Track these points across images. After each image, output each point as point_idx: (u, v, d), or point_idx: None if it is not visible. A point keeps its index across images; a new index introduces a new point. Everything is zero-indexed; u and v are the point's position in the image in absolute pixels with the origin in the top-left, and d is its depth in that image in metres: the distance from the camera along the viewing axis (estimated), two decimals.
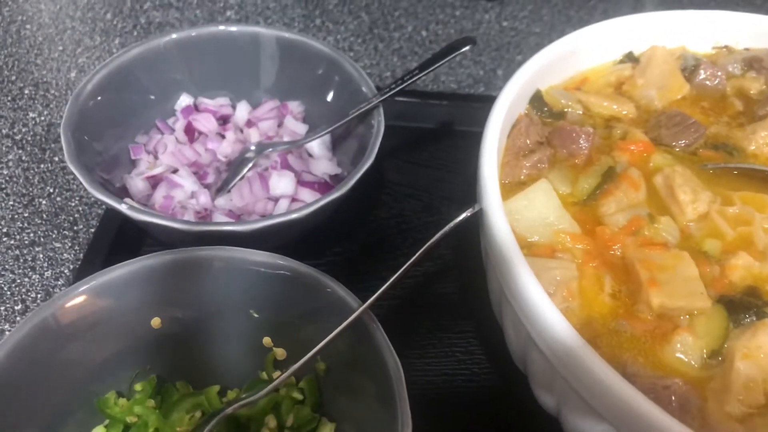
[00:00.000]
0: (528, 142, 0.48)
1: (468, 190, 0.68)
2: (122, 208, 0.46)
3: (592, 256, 0.42)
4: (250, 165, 0.56)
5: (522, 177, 0.47)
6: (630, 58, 0.56)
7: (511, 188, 0.46)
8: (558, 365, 0.36)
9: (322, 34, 0.87)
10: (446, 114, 0.75)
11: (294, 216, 0.47)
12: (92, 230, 0.62)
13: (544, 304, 0.36)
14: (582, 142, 0.48)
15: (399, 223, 0.65)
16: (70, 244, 0.61)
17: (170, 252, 0.44)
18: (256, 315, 0.46)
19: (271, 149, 0.57)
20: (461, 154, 0.72)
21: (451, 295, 0.59)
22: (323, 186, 0.57)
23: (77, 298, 0.41)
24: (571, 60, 0.54)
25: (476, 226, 0.46)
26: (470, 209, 0.41)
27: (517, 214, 0.43)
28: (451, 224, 0.40)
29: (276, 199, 0.55)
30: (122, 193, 0.56)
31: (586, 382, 0.34)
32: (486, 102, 0.78)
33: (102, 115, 0.55)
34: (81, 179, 0.48)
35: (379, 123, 0.55)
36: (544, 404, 0.42)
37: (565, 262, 0.41)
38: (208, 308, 0.45)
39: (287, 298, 0.45)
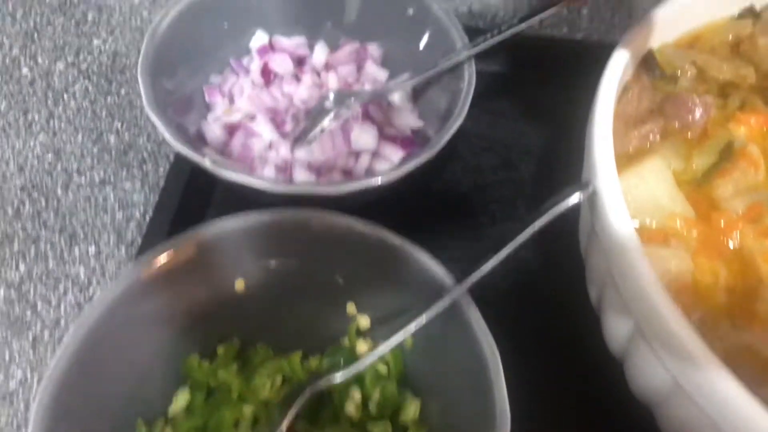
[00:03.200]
0: (639, 109, 0.44)
1: (548, 144, 0.65)
2: (206, 163, 0.44)
3: (706, 246, 0.39)
4: (330, 116, 0.53)
5: (630, 149, 0.43)
6: (751, 12, 0.51)
7: (618, 161, 0.42)
8: (674, 370, 0.34)
9: None
10: (526, 57, 0.70)
11: (380, 181, 0.45)
12: (161, 170, 0.61)
13: (664, 308, 0.33)
14: (698, 113, 0.44)
15: (476, 178, 0.62)
16: (140, 185, 0.60)
17: (259, 212, 0.42)
18: (341, 281, 0.44)
19: (352, 99, 0.54)
20: (542, 103, 0.68)
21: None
22: (406, 141, 0.54)
23: (164, 258, 0.40)
24: (686, 14, 0.49)
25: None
26: (580, 191, 0.38)
27: (628, 193, 0.40)
28: (560, 207, 0.38)
29: (357, 153, 0.52)
30: (197, 137, 0.54)
31: (712, 400, 0.32)
32: (569, 46, 0.74)
33: (177, 53, 0.52)
34: (162, 130, 0.45)
35: (471, 77, 0.51)
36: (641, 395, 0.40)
37: (679, 252, 0.38)
38: (293, 272, 0.44)
39: (375, 267, 0.43)
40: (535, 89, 0.69)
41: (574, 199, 0.37)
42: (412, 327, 0.39)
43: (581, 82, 0.49)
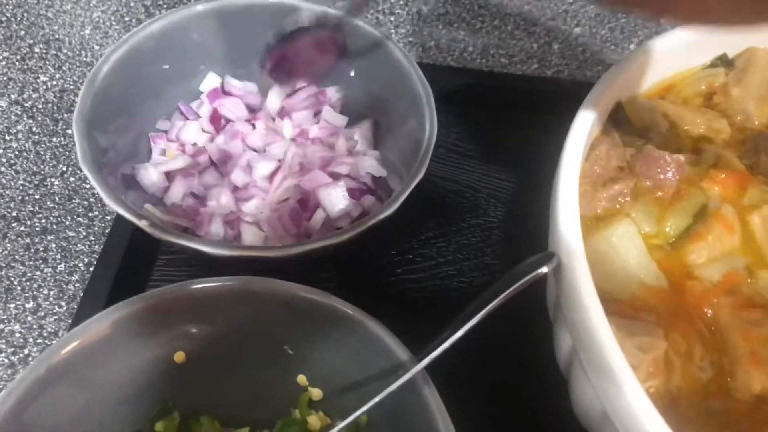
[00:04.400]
0: (608, 168, 0.42)
1: (517, 188, 0.63)
2: (142, 225, 0.41)
3: (680, 318, 0.37)
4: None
5: (599, 210, 0.41)
6: (723, 61, 0.49)
7: (585, 224, 0.40)
8: None
9: None
10: (495, 94, 0.68)
11: (333, 241, 0.42)
12: (108, 218, 0.57)
13: (632, 393, 0.30)
14: (670, 172, 0.41)
15: (441, 224, 0.59)
16: (84, 234, 0.56)
17: (198, 281, 0.39)
18: (290, 351, 0.41)
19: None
20: (511, 143, 0.65)
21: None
22: (363, 191, 0.51)
23: (95, 333, 0.36)
24: (656, 63, 0.47)
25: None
26: (546, 264, 0.35)
27: (596, 263, 0.37)
28: (524, 280, 0.35)
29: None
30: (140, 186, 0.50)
31: None
32: (540, 83, 0.72)
33: (119, 100, 0.49)
34: (99, 190, 0.42)
35: (432, 126, 0.49)
36: None
37: (650, 326, 0.36)
38: (238, 341, 0.40)
39: (326, 337, 0.40)
40: (504, 128, 0.66)
41: (540, 272, 0.35)
42: (369, 406, 0.36)
43: (552, 120, 0.46)
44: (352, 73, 0.55)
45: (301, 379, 0.42)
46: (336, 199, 0.48)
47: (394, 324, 0.39)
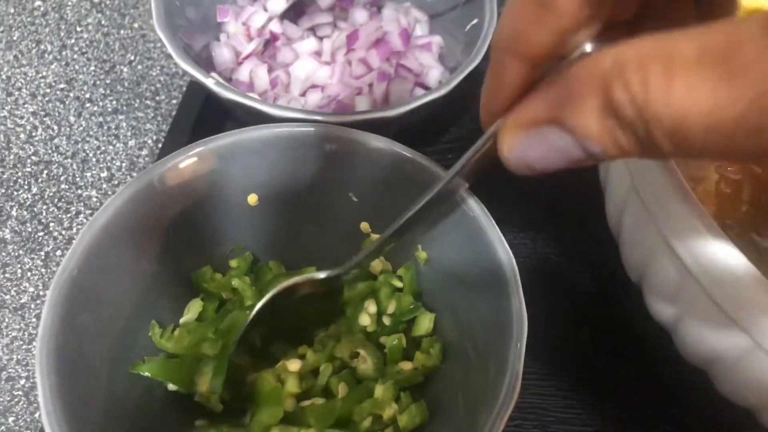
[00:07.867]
0: None
1: None
2: (209, 82, 0.44)
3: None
4: None
5: None
6: None
7: None
8: (695, 270, 0.33)
9: None
10: None
11: (389, 114, 0.45)
12: (174, 101, 0.60)
13: (688, 204, 0.32)
14: None
15: None
16: (152, 115, 0.59)
17: (273, 126, 0.41)
18: (355, 199, 0.44)
19: None
20: None
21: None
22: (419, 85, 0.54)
23: (181, 164, 0.39)
24: None
25: None
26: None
27: None
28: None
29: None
30: (204, 62, 0.53)
31: (728, 289, 0.31)
32: None
33: None
34: (168, 47, 0.45)
35: (492, 12, 0.51)
36: (659, 315, 0.39)
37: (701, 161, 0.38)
38: (306, 189, 0.43)
39: (391, 184, 0.42)
40: None
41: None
42: (411, 213, 0.37)
43: None
44: None
45: (364, 226, 0.44)
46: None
47: None
